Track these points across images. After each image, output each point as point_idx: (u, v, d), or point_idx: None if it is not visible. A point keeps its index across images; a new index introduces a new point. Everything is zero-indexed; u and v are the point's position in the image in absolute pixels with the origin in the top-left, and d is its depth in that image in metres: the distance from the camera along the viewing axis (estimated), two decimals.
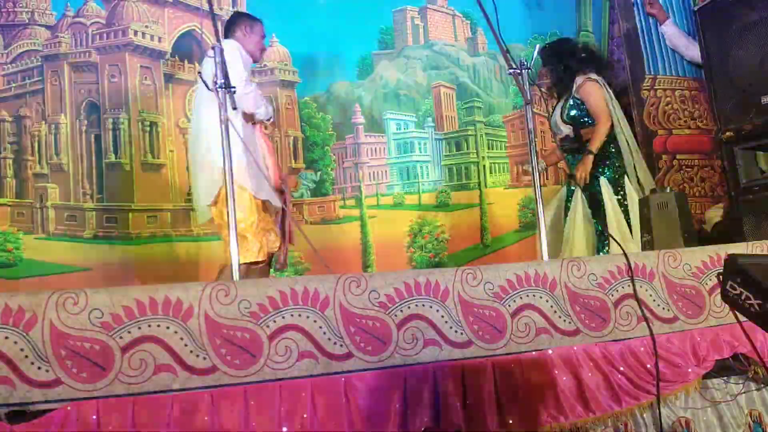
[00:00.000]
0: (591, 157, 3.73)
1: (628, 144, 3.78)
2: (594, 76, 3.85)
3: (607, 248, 3.65)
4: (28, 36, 4.23)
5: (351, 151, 5.08)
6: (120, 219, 4.26)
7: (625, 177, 3.75)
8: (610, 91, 3.88)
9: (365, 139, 5.10)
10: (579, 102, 3.86)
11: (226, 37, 3.33)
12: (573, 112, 3.88)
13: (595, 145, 3.74)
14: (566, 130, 3.87)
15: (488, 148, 5.53)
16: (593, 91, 3.81)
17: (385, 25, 5.31)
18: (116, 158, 4.30)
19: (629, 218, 3.63)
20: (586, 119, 3.86)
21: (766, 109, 3.40)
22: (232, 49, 3.16)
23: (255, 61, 3.56)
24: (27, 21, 4.22)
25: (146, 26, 4.40)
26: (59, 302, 1.71)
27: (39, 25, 4.25)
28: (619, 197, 3.72)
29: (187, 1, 4.43)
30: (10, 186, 4.08)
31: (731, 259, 1.35)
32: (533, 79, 2.81)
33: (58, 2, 4.30)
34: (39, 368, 1.66)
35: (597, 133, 3.75)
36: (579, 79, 3.86)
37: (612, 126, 3.77)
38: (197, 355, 1.78)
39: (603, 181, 3.74)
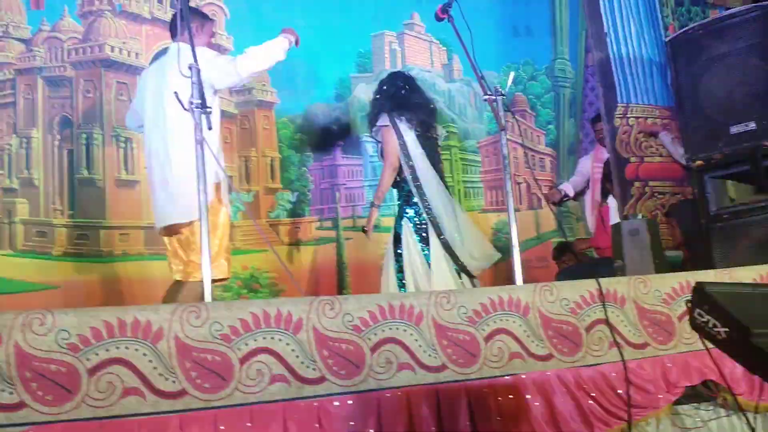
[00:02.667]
0: (374, 210, 3.79)
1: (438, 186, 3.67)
2: (390, 121, 3.69)
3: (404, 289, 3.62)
4: (1, 49, 4.17)
5: (328, 172, 5.08)
6: (91, 236, 4.18)
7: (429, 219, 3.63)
8: (410, 135, 3.67)
9: (342, 160, 5.11)
10: (379, 142, 3.79)
11: (173, 35, 3.21)
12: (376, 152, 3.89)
13: (375, 195, 3.78)
14: None
15: (463, 173, 5.58)
16: (386, 137, 3.70)
17: (363, 49, 5.36)
18: (89, 174, 4.23)
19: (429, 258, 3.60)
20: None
21: (734, 139, 3.50)
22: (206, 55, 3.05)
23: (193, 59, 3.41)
24: (1, 34, 4.16)
25: (123, 42, 4.37)
26: (25, 323, 1.66)
27: (13, 38, 4.19)
28: (420, 237, 3.64)
29: (165, 17, 4.42)
30: None
31: (699, 287, 1.37)
32: (507, 106, 2.85)
33: (33, 16, 4.25)
34: (2, 390, 1.61)
35: (379, 182, 3.77)
36: (381, 120, 3.73)
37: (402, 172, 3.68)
38: (166, 379, 1.75)
39: (405, 222, 3.69)
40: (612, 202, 4.53)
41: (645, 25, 4.60)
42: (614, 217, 4.39)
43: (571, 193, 4.70)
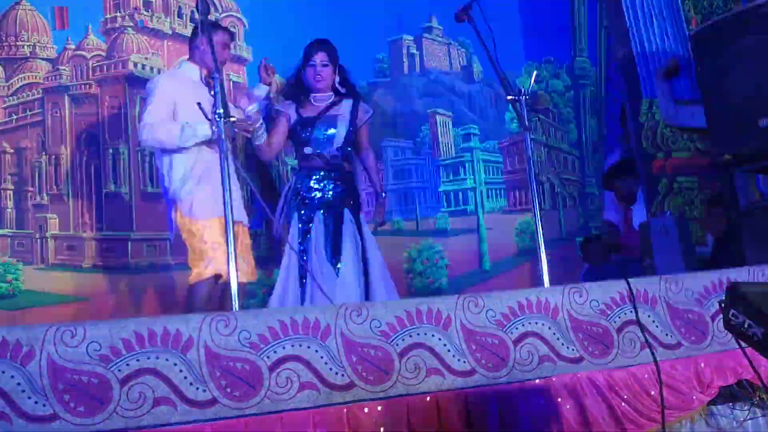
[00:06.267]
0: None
1: None
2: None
3: None
4: (29, 69, 4.27)
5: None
6: (119, 248, 4.25)
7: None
8: None
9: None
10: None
11: (190, 48, 3.32)
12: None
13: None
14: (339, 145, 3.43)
15: (485, 174, 5.55)
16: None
17: (381, 55, 5.37)
18: (116, 188, 4.31)
19: None
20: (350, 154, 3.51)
21: (763, 132, 3.42)
22: (156, 86, 3.18)
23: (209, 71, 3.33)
24: (28, 55, 4.26)
25: (146, 58, 4.43)
26: (57, 335, 1.69)
27: (40, 58, 4.29)
28: None
29: (186, 33, 4.47)
30: (10, 217, 4.08)
31: (733, 287, 1.34)
32: (530, 106, 2.83)
33: (59, 36, 4.34)
34: (36, 403, 1.64)
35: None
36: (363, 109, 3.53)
37: None
38: (197, 388, 1.76)
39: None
40: (638, 200, 4.47)
41: (667, 19, 4.53)
42: (640, 214, 4.32)
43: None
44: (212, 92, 2.35)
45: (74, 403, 1.66)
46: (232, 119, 2.35)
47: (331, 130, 3.34)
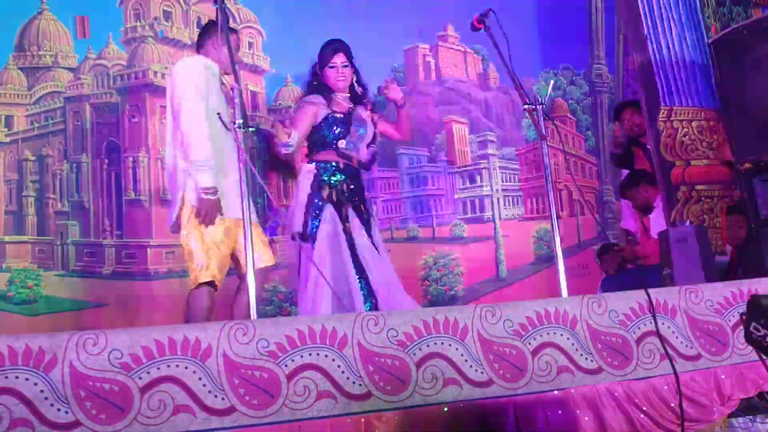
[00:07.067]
0: None
1: None
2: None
3: None
4: (51, 78, 4.35)
5: (365, 185, 5.11)
6: (138, 255, 4.29)
7: None
8: None
9: (379, 173, 5.14)
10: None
11: (197, 49, 3.13)
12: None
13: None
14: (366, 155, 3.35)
15: (502, 181, 5.54)
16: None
17: (397, 63, 5.39)
18: (136, 195, 4.36)
19: None
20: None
21: None
22: (187, 71, 2.90)
23: (226, 73, 3.17)
24: (50, 64, 4.34)
25: (166, 67, 4.49)
26: (79, 343, 1.71)
27: (62, 67, 4.37)
28: None
29: None
30: (32, 223, 4.15)
31: (754, 300, 1.33)
32: (547, 114, 2.82)
33: (80, 45, 4.42)
34: (58, 410, 1.66)
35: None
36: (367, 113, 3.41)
37: None
38: (216, 396, 1.78)
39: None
40: (656, 209, 4.42)
41: (686, 26, 4.49)
42: (658, 223, 4.28)
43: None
44: (234, 102, 2.36)
45: (96, 410, 1.68)
46: (251, 130, 2.36)
47: (361, 130, 3.33)
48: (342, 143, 3.24)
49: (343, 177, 3.25)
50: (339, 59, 3.32)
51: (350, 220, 3.21)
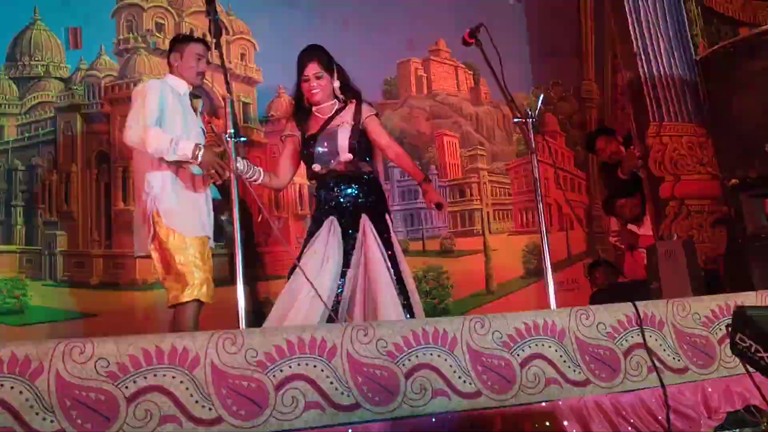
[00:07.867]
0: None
1: None
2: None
3: None
4: (42, 88, 4.35)
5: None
6: (126, 265, 4.27)
7: None
8: None
9: None
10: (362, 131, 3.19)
11: (168, 64, 3.19)
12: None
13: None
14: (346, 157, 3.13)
15: (492, 195, 5.57)
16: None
17: (389, 76, 5.42)
18: (125, 206, 4.35)
19: None
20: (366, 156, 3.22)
21: None
22: (149, 90, 3.00)
23: (194, 85, 3.22)
24: (42, 74, 4.34)
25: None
26: (66, 351, 1.70)
27: (53, 77, 4.37)
28: None
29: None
30: (20, 233, 4.13)
31: (740, 311, 1.34)
32: (537, 128, 2.84)
33: (72, 56, 4.42)
34: (44, 419, 1.64)
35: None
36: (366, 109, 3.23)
37: None
38: (203, 406, 1.76)
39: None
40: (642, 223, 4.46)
41: (674, 43, 4.56)
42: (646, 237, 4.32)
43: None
44: (224, 111, 2.38)
45: (82, 419, 1.66)
46: (243, 140, 2.37)
47: (333, 143, 3.18)
48: (316, 167, 3.15)
49: (337, 183, 3.17)
50: (311, 70, 3.12)
51: (359, 228, 3.08)
